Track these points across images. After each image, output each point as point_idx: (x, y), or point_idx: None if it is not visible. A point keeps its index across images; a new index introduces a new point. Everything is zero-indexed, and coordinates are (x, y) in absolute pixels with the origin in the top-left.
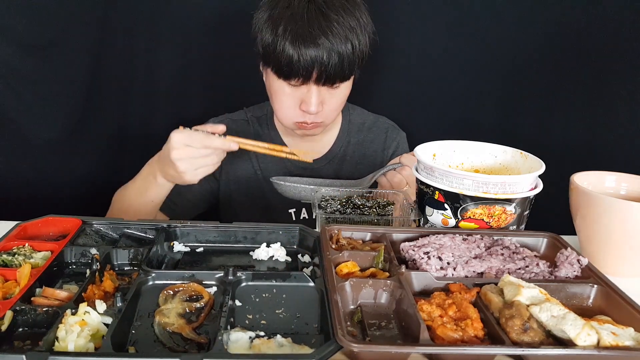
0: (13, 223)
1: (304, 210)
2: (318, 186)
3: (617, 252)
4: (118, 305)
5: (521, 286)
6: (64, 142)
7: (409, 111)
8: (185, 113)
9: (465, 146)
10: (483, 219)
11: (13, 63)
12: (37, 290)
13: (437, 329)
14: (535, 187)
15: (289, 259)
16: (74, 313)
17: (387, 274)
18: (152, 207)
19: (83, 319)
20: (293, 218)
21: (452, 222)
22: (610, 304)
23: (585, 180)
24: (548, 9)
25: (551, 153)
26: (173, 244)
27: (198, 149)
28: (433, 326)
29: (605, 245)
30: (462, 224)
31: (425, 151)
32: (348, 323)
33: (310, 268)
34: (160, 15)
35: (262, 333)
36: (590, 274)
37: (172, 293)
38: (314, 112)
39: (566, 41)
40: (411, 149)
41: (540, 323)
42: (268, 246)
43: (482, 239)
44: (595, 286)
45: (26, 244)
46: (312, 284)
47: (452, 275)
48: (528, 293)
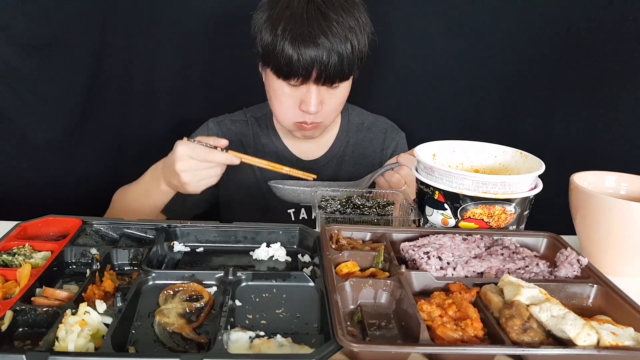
0: (13, 223)
1: (303, 210)
2: (316, 188)
3: (617, 252)
4: (118, 305)
5: (521, 286)
6: (64, 142)
7: (409, 111)
8: (185, 113)
9: (465, 146)
10: (483, 219)
11: (13, 63)
12: (37, 290)
13: (437, 329)
14: (535, 187)
15: (289, 259)
16: (74, 313)
17: (387, 274)
18: (154, 211)
19: (83, 319)
20: (292, 218)
21: (452, 222)
22: (610, 304)
23: (585, 180)
24: (548, 9)
25: (551, 153)
26: (173, 244)
27: (201, 162)
28: (433, 326)
29: (605, 245)
30: (462, 224)
31: (425, 151)
32: (348, 323)
33: (310, 268)
34: (160, 15)
35: (262, 333)
36: (590, 274)
37: (172, 293)
38: (314, 112)
39: (566, 41)
40: (410, 149)
41: (540, 323)
42: (268, 246)
43: (482, 239)
44: (595, 286)
45: (26, 244)
46: (312, 284)
47: (452, 275)
48: (528, 293)
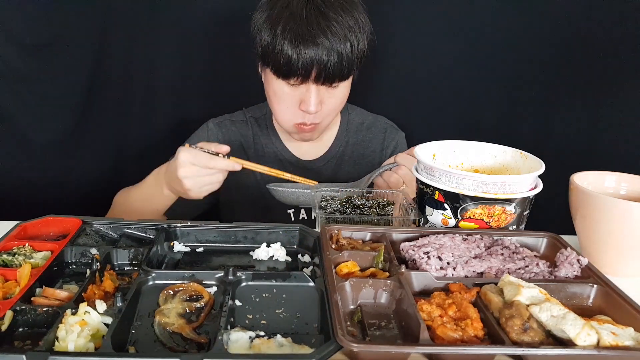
0: (13, 223)
1: (303, 211)
2: (314, 191)
3: (617, 252)
4: (118, 305)
5: (521, 286)
6: (64, 142)
7: (409, 111)
8: (185, 113)
9: (465, 146)
10: (483, 219)
11: (13, 63)
12: (37, 290)
13: (437, 329)
14: (535, 187)
15: (289, 259)
16: (74, 313)
17: (387, 274)
18: (156, 214)
19: (83, 319)
20: (292, 219)
21: (452, 222)
22: (610, 304)
23: (585, 180)
24: (548, 9)
25: (551, 153)
26: (173, 244)
27: (203, 169)
28: (433, 326)
29: (605, 245)
30: (462, 224)
31: (425, 151)
32: (348, 323)
33: (310, 268)
34: (160, 15)
35: (262, 333)
36: (590, 274)
37: (172, 293)
38: (313, 112)
39: (566, 41)
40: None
41: (540, 323)
42: (268, 246)
43: (482, 239)
44: (595, 286)
45: (26, 244)
46: (312, 284)
47: (452, 275)
48: (528, 293)
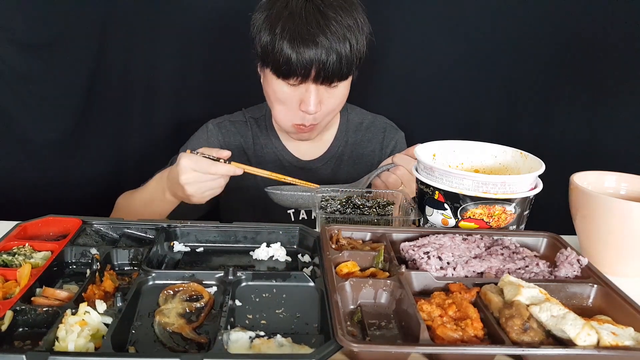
0: (13, 223)
1: (303, 211)
2: (314, 192)
3: (617, 252)
4: (118, 305)
5: (521, 286)
6: (64, 142)
7: (409, 111)
8: (184, 113)
9: (465, 146)
10: (483, 219)
11: (13, 63)
12: (37, 290)
13: (437, 329)
14: (535, 187)
15: (289, 259)
16: (74, 313)
17: (387, 274)
18: (158, 217)
19: (83, 319)
20: (292, 219)
21: (452, 222)
22: (610, 304)
23: (585, 180)
24: (548, 9)
25: (551, 153)
26: (173, 244)
27: (205, 174)
28: (433, 326)
29: (605, 245)
30: (462, 224)
31: (425, 151)
32: (348, 323)
33: (310, 268)
34: (160, 15)
35: (262, 333)
36: (590, 274)
37: (172, 293)
38: (313, 112)
39: (566, 41)
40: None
41: (540, 323)
42: (268, 246)
43: (482, 239)
44: (595, 286)
45: (26, 244)
46: (312, 284)
47: (452, 275)
48: (528, 293)
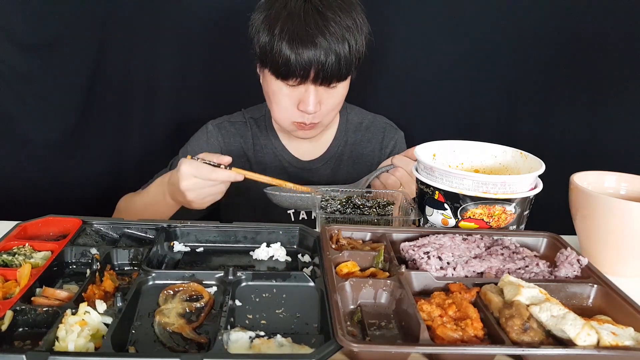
0: (13, 223)
1: (303, 211)
2: (313, 193)
3: (617, 252)
4: (118, 305)
5: (521, 286)
6: (64, 142)
7: (409, 111)
8: (184, 113)
9: (465, 146)
10: (483, 219)
11: (13, 63)
12: (37, 290)
13: (437, 329)
14: (535, 187)
15: (289, 259)
16: (74, 313)
17: (387, 274)
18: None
19: (83, 319)
20: (292, 219)
21: (452, 222)
22: (610, 304)
23: (585, 180)
24: (548, 9)
25: (551, 153)
26: (173, 244)
27: (205, 181)
28: (433, 326)
29: (605, 245)
30: (462, 224)
31: (425, 151)
32: (348, 323)
33: (310, 268)
34: (160, 15)
35: (262, 333)
36: (590, 274)
37: (172, 293)
38: (312, 112)
39: (566, 41)
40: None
41: (540, 323)
42: (268, 246)
43: (482, 239)
44: (595, 286)
45: (26, 244)
46: (312, 284)
47: (452, 275)
48: (528, 293)
